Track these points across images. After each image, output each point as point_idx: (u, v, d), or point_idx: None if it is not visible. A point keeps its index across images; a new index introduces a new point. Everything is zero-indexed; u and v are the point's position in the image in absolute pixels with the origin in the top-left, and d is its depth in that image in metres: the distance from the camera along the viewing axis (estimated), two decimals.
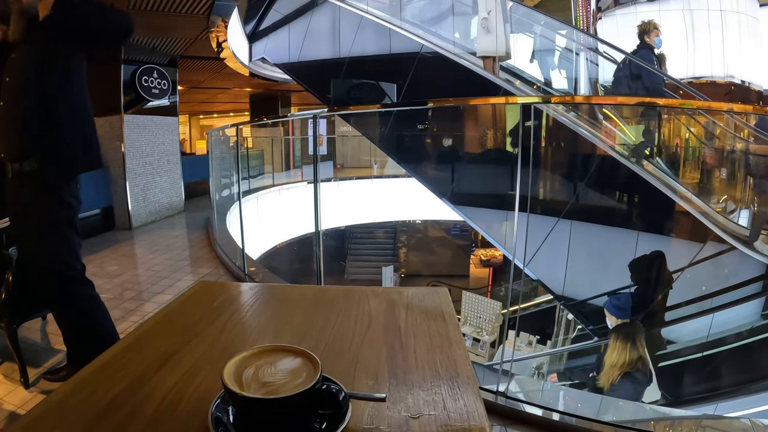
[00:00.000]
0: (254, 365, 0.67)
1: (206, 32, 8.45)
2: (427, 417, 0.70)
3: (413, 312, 1.08)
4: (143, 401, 0.74)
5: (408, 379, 0.80)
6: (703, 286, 4.94)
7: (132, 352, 0.91)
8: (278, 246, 9.64)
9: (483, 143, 8.21)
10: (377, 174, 12.70)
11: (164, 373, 0.82)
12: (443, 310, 1.09)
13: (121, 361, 0.86)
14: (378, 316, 1.06)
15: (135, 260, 6.40)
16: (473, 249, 16.35)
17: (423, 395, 0.75)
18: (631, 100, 6.62)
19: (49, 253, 2.42)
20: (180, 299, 1.18)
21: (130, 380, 0.80)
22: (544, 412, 2.69)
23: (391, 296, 1.18)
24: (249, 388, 0.62)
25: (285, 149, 14.20)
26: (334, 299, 1.18)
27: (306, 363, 0.68)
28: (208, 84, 14.82)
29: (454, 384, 0.78)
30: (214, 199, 7.92)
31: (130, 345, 0.94)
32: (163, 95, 9.42)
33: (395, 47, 7.53)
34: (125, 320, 4.05)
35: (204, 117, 25.93)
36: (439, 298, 1.17)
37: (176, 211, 9.95)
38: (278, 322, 1.06)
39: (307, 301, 1.17)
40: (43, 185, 2.35)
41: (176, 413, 0.71)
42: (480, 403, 0.73)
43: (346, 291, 1.23)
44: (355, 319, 1.04)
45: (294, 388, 0.62)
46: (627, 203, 5.87)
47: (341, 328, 1.00)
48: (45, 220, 2.39)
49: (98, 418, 0.70)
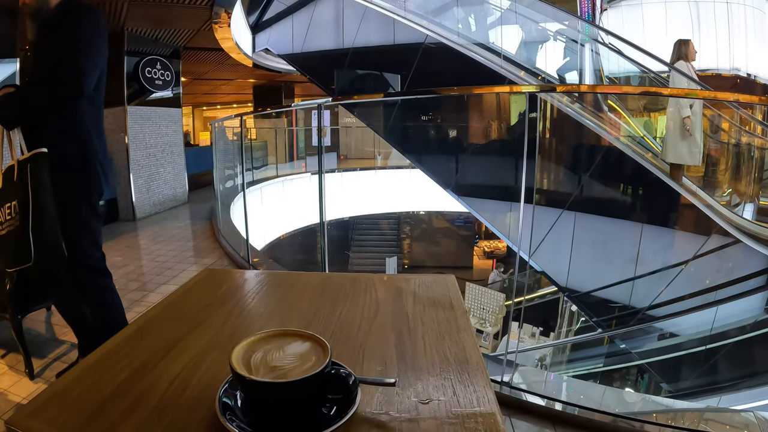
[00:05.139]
0: (263, 349, 0.66)
1: (209, 23, 8.42)
2: (437, 402, 0.69)
3: (421, 299, 1.07)
4: (149, 388, 0.73)
5: (417, 364, 0.79)
6: (707, 279, 4.93)
7: (137, 340, 0.90)
8: (282, 237, 9.64)
9: (487, 134, 8.18)
10: (381, 165, 12.68)
11: (170, 360, 0.81)
12: (451, 297, 1.08)
13: (125, 349, 0.86)
14: (385, 303, 1.05)
15: (139, 251, 6.41)
16: (477, 240, 16.35)
17: (432, 380, 0.74)
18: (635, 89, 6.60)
19: (68, 240, 2.27)
20: (185, 287, 1.17)
21: (135, 367, 0.79)
22: (547, 402, 2.69)
23: (398, 283, 1.17)
24: (258, 372, 0.61)
25: (288, 140, 14.19)
26: (340, 286, 1.16)
27: (315, 347, 0.67)
28: (212, 75, 14.81)
29: (463, 370, 0.77)
30: (218, 190, 7.92)
31: (134, 333, 0.93)
32: (167, 87, 9.42)
33: (399, 38, 7.50)
34: (130, 311, 4.04)
35: (207, 108, 25.90)
36: (446, 285, 1.16)
37: (180, 203, 9.97)
38: (285, 309, 1.05)
39: (314, 288, 1.16)
40: (65, 169, 2.26)
41: (182, 400, 0.70)
42: (490, 389, 0.72)
43: (352, 278, 1.22)
44: (363, 305, 1.03)
45: (303, 372, 0.61)
46: (631, 195, 5.85)
47: (348, 315, 0.99)
48: (65, 204, 2.27)
49: (103, 404, 0.69)
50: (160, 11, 7.48)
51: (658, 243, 5.16)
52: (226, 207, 7.53)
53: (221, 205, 7.59)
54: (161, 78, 9.23)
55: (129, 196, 8.54)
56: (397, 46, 7.49)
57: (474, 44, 7.15)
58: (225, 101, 23.74)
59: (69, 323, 2.65)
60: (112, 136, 8.48)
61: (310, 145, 13.89)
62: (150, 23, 8.24)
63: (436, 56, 7.05)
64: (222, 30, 8.91)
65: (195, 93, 19.31)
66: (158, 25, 8.38)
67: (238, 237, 6.35)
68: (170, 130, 9.67)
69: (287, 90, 17.85)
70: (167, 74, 9.39)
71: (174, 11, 7.56)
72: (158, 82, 9.15)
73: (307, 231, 9.73)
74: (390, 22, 7.56)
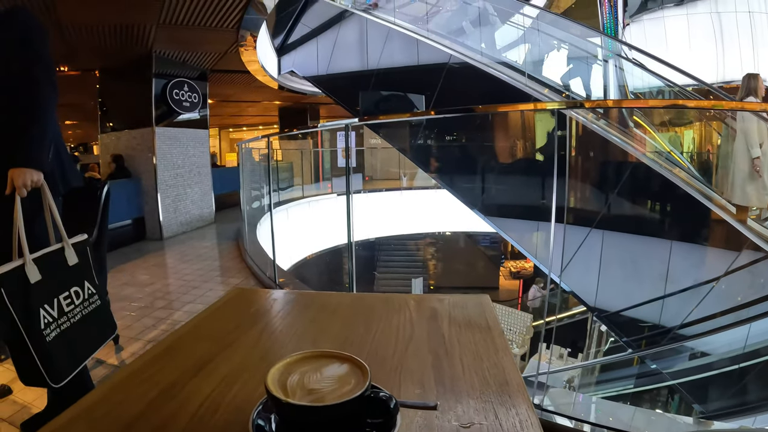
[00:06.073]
0: (299, 371, 0.64)
1: (236, 46, 8.56)
2: (479, 426, 0.66)
3: (456, 319, 1.04)
4: (178, 409, 0.71)
5: (456, 387, 0.76)
6: (738, 296, 4.81)
7: (166, 359, 0.88)
8: (308, 257, 9.66)
9: (513, 153, 8.14)
10: (407, 186, 12.67)
11: (200, 380, 0.79)
12: (486, 317, 1.06)
13: (154, 367, 0.84)
14: (420, 324, 1.02)
15: (166, 270, 6.46)
16: (503, 260, 16.22)
17: (473, 404, 0.71)
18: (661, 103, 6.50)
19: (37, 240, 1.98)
20: (214, 306, 1.16)
21: (163, 387, 0.77)
22: (576, 423, 2.63)
23: (432, 303, 1.14)
24: (294, 395, 0.59)
25: (314, 161, 14.28)
26: (372, 307, 1.14)
27: (354, 369, 0.64)
28: (238, 97, 15.00)
29: (503, 392, 0.74)
30: (244, 210, 7.97)
31: (163, 352, 0.91)
32: (194, 108, 9.55)
33: (423, 58, 7.52)
34: (155, 328, 4.07)
35: (234, 130, 26.25)
36: (481, 304, 1.13)
37: (207, 222, 10.05)
38: (317, 330, 1.03)
39: (345, 309, 1.13)
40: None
41: (213, 421, 0.68)
42: (532, 412, 0.69)
43: (384, 298, 1.19)
44: (397, 326, 1.01)
45: (342, 396, 0.58)
46: (659, 212, 5.76)
47: (383, 336, 0.96)
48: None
49: (130, 425, 0.67)
50: (188, 34, 7.62)
51: (688, 260, 5.06)
52: (252, 227, 7.57)
53: (248, 226, 7.63)
54: (189, 100, 9.38)
55: (156, 215, 8.64)
56: (421, 67, 7.51)
57: (497, 63, 7.14)
58: (251, 123, 24.02)
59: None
60: (140, 157, 8.64)
61: (335, 166, 13.97)
62: (178, 46, 8.40)
63: (460, 76, 7.04)
64: (248, 53, 9.04)
65: (221, 114, 19.57)
66: (186, 48, 8.54)
67: (265, 257, 6.37)
68: (197, 151, 9.79)
69: (312, 111, 18.00)
70: (194, 96, 9.53)
71: (201, 34, 7.70)
72: (186, 104, 9.29)
73: (333, 252, 9.74)
74: (413, 42, 7.60)
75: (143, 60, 8.42)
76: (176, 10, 6.60)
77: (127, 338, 3.84)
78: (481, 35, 8.04)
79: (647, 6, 11.71)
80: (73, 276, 1.96)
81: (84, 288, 1.99)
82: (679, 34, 11.10)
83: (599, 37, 7.95)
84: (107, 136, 9.33)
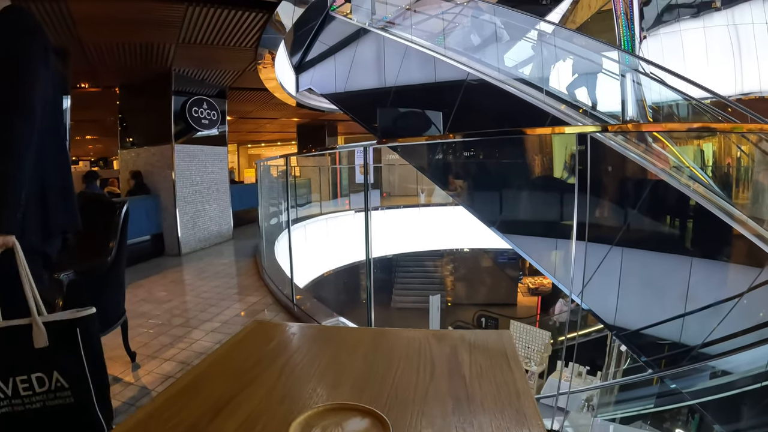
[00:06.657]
0: (320, 426, 0.63)
1: (254, 64, 8.63)
2: None
3: (477, 358, 1.03)
4: None
5: None
6: (761, 313, 4.73)
7: (185, 398, 0.88)
8: (325, 274, 9.65)
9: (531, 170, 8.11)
10: (424, 202, 12.66)
11: (220, 423, 0.78)
12: (508, 356, 1.04)
13: (174, 407, 0.84)
14: (441, 362, 1.01)
15: (183, 287, 6.48)
16: (521, 277, 16.10)
17: None
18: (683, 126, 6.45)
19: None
20: (234, 339, 1.15)
21: (183, 429, 0.76)
22: None
23: (453, 341, 1.13)
24: None
25: (332, 178, 14.31)
26: (394, 344, 1.13)
27: (375, 424, 0.64)
28: (256, 114, 15.10)
29: None
30: (262, 227, 7.99)
31: (183, 389, 0.91)
32: (213, 125, 9.64)
33: (440, 75, 7.54)
34: (173, 346, 4.07)
35: (252, 146, 26.42)
36: (502, 342, 1.12)
37: (225, 239, 10.09)
38: (337, 369, 1.02)
39: (366, 345, 1.13)
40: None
41: None
42: None
43: (406, 335, 1.18)
44: (418, 365, 1.00)
45: None
46: (679, 228, 5.69)
47: (404, 376, 0.95)
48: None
49: None
50: (207, 53, 7.70)
51: (709, 277, 4.99)
52: (270, 244, 7.58)
53: (266, 243, 7.65)
54: (207, 117, 9.46)
55: (175, 231, 8.69)
56: (438, 84, 7.53)
57: (515, 79, 7.13)
58: (269, 139, 24.16)
59: None
60: (159, 173, 8.72)
61: (353, 183, 13.98)
62: (197, 64, 8.49)
63: (478, 93, 7.05)
64: (266, 70, 9.11)
65: (240, 131, 19.71)
66: (204, 66, 8.63)
67: (282, 275, 6.37)
68: (216, 168, 9.85)
69: (330, 128, 18.07)
70: (213, 113, 9.62)
71: (220, 53, 7.78)
72: (204, 121, 9.37)
73: (351, 268, 9.73)
74: (431, 60, 7.62)
75: (163, 78, 8.52)
76: (195, 30, 6.67)
77: (144, 356, 3.85)
78: (498, 52, 8.04)
79: (663, 19, 11.67)
80: (38, 361, 1.57)
81: (52, 378, 1.58)
82: (697, 47, 11.04)
83: (616, 52, 7.92)
84: (127, 152, 9.43)
